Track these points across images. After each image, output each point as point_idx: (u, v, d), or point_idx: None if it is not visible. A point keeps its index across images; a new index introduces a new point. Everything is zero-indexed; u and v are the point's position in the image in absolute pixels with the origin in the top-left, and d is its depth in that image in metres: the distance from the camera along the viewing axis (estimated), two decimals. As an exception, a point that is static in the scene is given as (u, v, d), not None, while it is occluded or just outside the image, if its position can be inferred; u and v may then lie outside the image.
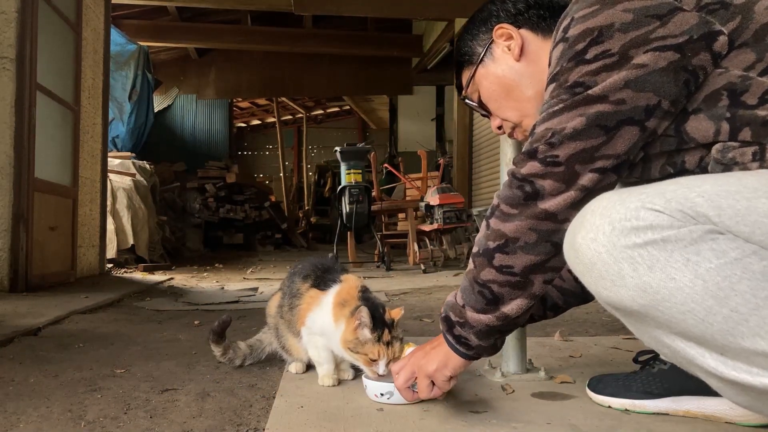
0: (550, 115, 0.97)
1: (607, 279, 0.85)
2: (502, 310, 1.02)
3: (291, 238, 10.16)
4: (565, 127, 0.93)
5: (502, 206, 1.00)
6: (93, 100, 4.70)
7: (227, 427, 1.14)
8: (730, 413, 1.10)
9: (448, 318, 1.10)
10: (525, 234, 0.97)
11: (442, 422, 1.13)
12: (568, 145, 0.93)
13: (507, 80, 1.21)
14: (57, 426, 1.15)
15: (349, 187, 5.48)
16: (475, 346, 1.08)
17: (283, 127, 13.44)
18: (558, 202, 0.95)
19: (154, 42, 8.71)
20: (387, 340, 1.27)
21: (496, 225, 1.00)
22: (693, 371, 0.86)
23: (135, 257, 5.61)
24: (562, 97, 0.96)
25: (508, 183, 1.00)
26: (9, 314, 2.45)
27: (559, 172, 0.94)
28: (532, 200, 0.96)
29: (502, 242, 0.99)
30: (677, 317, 0.80)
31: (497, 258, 1.00)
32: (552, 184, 0.95)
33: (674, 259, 0.79)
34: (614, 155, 0.93)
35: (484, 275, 1.01)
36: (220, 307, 3.00)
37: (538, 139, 0.97)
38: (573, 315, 2.61)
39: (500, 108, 1.25)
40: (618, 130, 0.91)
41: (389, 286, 3.93)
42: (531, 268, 0.99)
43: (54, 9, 3.86)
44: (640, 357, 1.27)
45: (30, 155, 3.42)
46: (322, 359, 1.40)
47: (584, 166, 0.93)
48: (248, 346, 1.62)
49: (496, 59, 1.22)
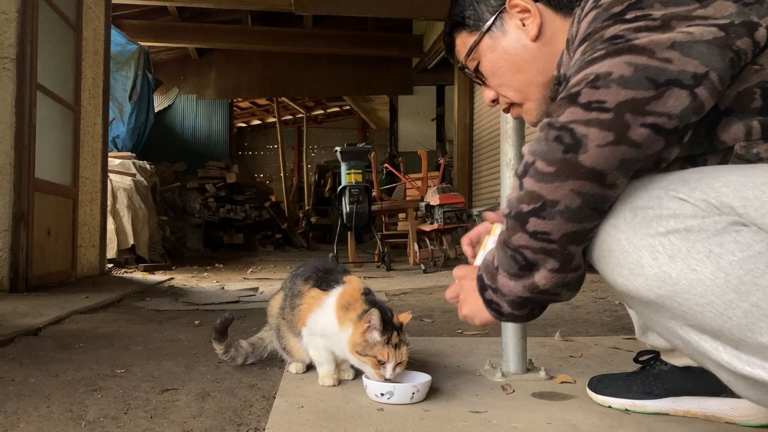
0: (588, 63, 0.85)
1: (624, 267, 0.83)
2: (534, 280, 0.90)
3: (291, 238, 10.16)
4: (611, 72, 0.81)
5: (538, 163, 0.85)
6: (93, 100, 4.70)
7: (227, 427, 1.14)
8: (730, 413, 1.10)
9: (481, 279, 1.00)
10: (566, 197, 0.83)
11: (442, 422, 1.13)
12: (617, 91, 0.80)
13: (517, 60, 1.11)
14: (57, 426, 1.15)
15: (350, 187, 5.48)
16: (507, 313, 0.98)
17: (283, 127, 13.45)
18: (605, 156, 0.80)
19: (154, 42, 8.71)
20: (395, 343, 1.27)
21: (530, 185, 0.85)
22: (704, 363, 0.85)
23: (135, 257, 5.61)
24: (600, 47, 0.85)
25: (544, 135, 0.85)
26: (9, 314, 2.45)
27: (606, 119, 0.79)
28: (573, 152, 0.81)
29: (538, 205, 0.85)
30: (695, 309, 0.78)
31: (532, 222, 0.86)
32: (597, 133, 0.80)
33: (696, 249, 0.78)
34: (666, 114, 0.79)
35: (517, 239, 0.89)
36: (220, 307, 3.00)
37: (577, 83, 0.84)
38: (573, 315, 2.61)
39: (503, 85, 1.16)
40: (667, 88, 0.79)
41: (389, 286, 3.92)
42: (571, 236, 0.85)
43: (54, 9, 3.86)
44: (640, 357, 1.27)
45: (30, 155, 3.42)
46: (322, 359, 1.40)
47: (635, 117, 0.79)
48: (250, 345, 1.62)
49: (507, 33, 1.12)
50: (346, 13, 7.92)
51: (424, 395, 1.26)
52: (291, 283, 1.51)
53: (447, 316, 2.63)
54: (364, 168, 5.77)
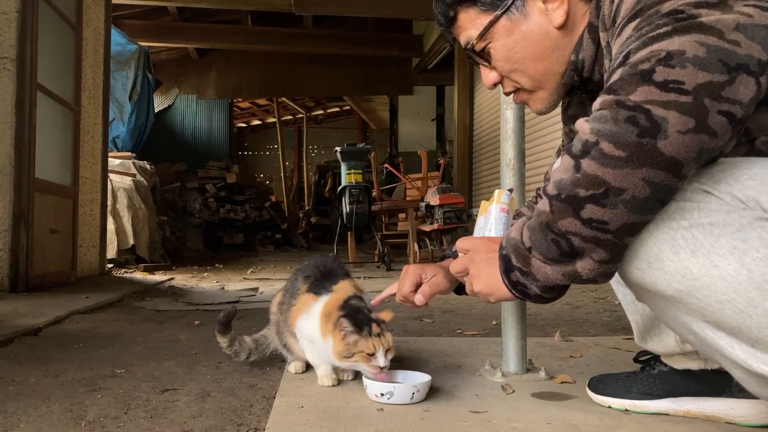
0: (653, 39, 0.76)
1: (642, 260, 0.81)
2: (576, 268, 0.84)
3: (291, 238, 10.17)
4: (684, 51, 0.73)
5: (604, 145, 0.76)
6: (93, 100, 4.70)
7: (227, 427, 1.14)
8: (730, 413, 1.10)
9: (507, 259, 0.92)
10: (635, 186, 0.75)
11: (442, 422, 1.13)
12: (694, 72, 0.72)
13: (539, 47, 1.03)
14: (57, 426, 1.15)
15: (350, 187, 5.49)
16: (534, 296, 0.92)
17: (283, 127, 13.45)
18: (686, 144, 0.72)
19: (154, 42, 8.72)
20: (377, 333, 1.27)
21: (592, 168, 0.77)
22: (717, 359, 0.84)
23: (135, 257, 5.61)
24: (661, 22, 0.77)
25: (612, 114, 0.76)
26: (9, 314, 2.45)
27: (686, 103, 0.72)
28: (649, 137, 0.73)
29: (600, 192, 0.77)
30: (714, 306, 0.76)
31: (588, 209, 0.78)
32: (678, 117, 0.72)
33: (720, 245, 0.75)
34: (738, 101, 0.73)
35: (565, 225, 0.81)
36: (220, 307, 2.99)
37: (646, 59, 0.75)
38: (573, 315, 2.61)
39: (515, 71, 1.07)
40: (738, 74, 0.72)
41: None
42: (630, 228, 0.79)
43: (54, 9, 3.86)
44: (640, 357, 1.26)
45: (30, 155, 3.42)
46: (319, 360, 1.40)
47: (713, 102, 0.72)
48: (254, 341, 1.63)
49: (529, 16, 1.02)
50: (346, 13, 7.93)
51: (424, 395, 1.26)
52: (293, 278, 1.52)
53: (447, 316, 2.63)
54: (364, 168, 5.77)
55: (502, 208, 1.14)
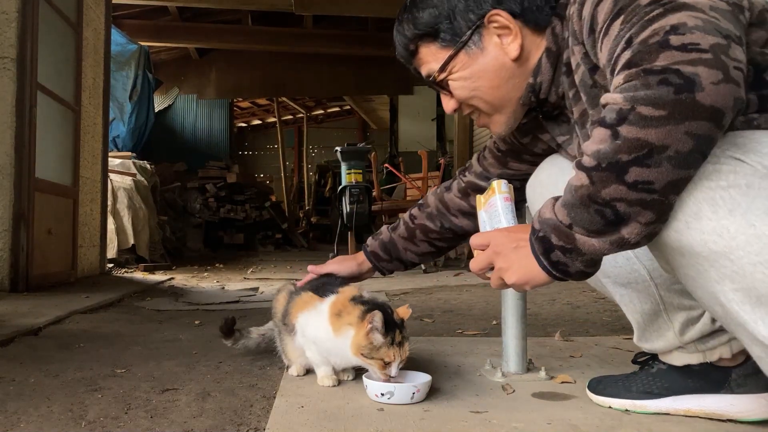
0: (650, 21, 0.81)
1: (681, 221, 0.83)
2: (623, 234, 0.84)
3: (291, 238, 10.16)
4: (686, 22, 0.78)
5: (641, 108, 0.77)
6: (94, 100, 4.70)
7: (228, 427, 1.14)
8: (730, 409, 1.10)
9: (546, 240, 0.91)
10: (678, 141, 0.77)
11: (442, 422, 1.13)
12: (703, 35, 0.76)
13: (495, 76, 1.11)
14: (58, 426, 1.15)
15: (350, 187, 5.48)
16: (576, 272, 0.91)
17: (283, 127, 13.45)
18: (722, 93, 0.75)
19: (154, 42, 8.71)
20: (398, 341, 1.26)
21: (632, 133, 0.78)
22: (738, 335, 0.86)
23: (135, 257, 5.61)
24: (648, 9, 0.83)
25: (642, 81, 0.78)
26: (9, 314, 2.45)
27: (709, 58, 0.75)
28: (688, 92, 0.75)
29: (644, 153, 0.78)
30: (746, 269, 0.78)
31: (632, 172, 0.79)
32: (707, 71, 0.75)
33: (756, 206, 0.78)
34: (742, 61, 0.78)
35: (609, 192, 0.81)
36: (220, 307, 3.00)
37: (654, 33, 0.79)
38: (574, 315, 2.61)
39: (474, 98, 1.15)
40: (730, 40, 0.78)
41: (389, 285, 3.92)
42: (675, 184, 0.80)
43: (55, 9, 3.86)
44: (638, 358, 1.27)
45: (31, 155, 3.42)
46: (319, 360, 1.39)
47: (728, 59, 0.76)
48: (260, 335, 1.66)
49: (486, 50, 1.11)
50: (346, 14, 7.92)
51: (424, 395, 1.26)
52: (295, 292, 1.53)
53: (447, 316, 2.63)
54: (365, 168, 5.77)
55: (506, 197, 1.14)
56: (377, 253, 1.55)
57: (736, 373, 1.11)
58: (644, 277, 1.16)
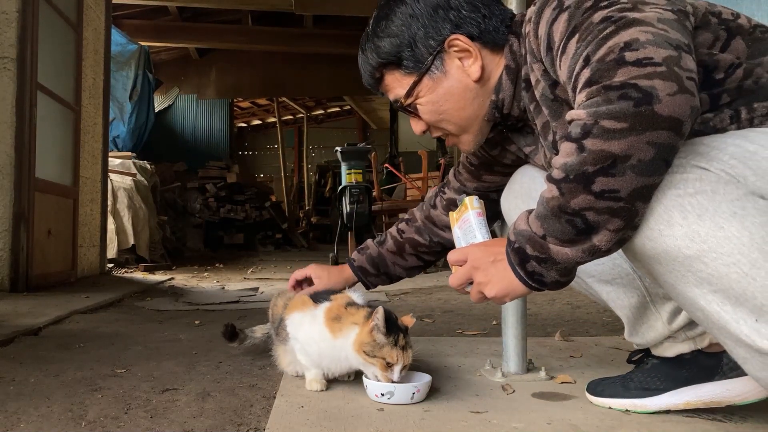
0: (603, 39, 0.85)
1: (653, 229, 0.86)
2: (594, 242, 0.87)
3: (291, 238, 10.16)
4: (637, 38, 0.82)
5: (604, 122, 0.81)
6: (94, 100, 4.70)
7: (228, 426, 1.14)
8: (727, 395, 1.11)
9: (521, 251, 0.94)
10: (640, 150, 0.80)
11: (442, 422, 1.13)
12: (655, 49, 0.81)
13: (460, 98, 1.16)
14: (57, 426, 1.15)
15: (350, 187, 5.48)
16: (551, 281, 0.94)
17: (283, 127, 13.45)
18: (678, 103, 0.79)
19: (154, 42, 8.71)
20: (402, 345, 1.26)
21: (596, 145, 0.82)
22: (722, 339, 0.86)
23: (135, 257, 5.61)
24: (601, 27, 0.87)
25: (603, 97, 0.82)
26: (9, 314, 2.45)
27: (663, 72, 0.79)
28: (646, 104, 0.79)
29: (608, 163, 0.82)
30: (721, 271, 0.81)
31: (599, 182, 0.83)
32: (663, 83, 0.79)
33: (722, 210, 0.82)
34: (693, 71, 0.82)
35: (578, 202, 0.85)
36: (220, 307, 3.00)
37: (610, 51, 0.83)
38: (573, 315, 2.61)
39: (441, 121, 1.20)
40: (680, 51, 0.82)
41: (389, 285, 3.93)
42: (639, 192, 0.83)
43: (55, 9, 3.86)
44: (633, 357, 1.28)
45: (31, 155, 3.42)
46: (310, 364, 1.38)
47: (680, 70, 0.80)
48: (264, 333, 1.68)
49: (449, 74, 1.15)
50: (346, 13, 7.91)
51: (424, 395, 1.26)
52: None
53: (447, 317, 2.63)
54: (365, 168, 5.76)
55: (478, 213, 1.16)
56: (365, 267, 1.58)
57: (727, 357, 1.11)
58: (627, 271, 1.19)
